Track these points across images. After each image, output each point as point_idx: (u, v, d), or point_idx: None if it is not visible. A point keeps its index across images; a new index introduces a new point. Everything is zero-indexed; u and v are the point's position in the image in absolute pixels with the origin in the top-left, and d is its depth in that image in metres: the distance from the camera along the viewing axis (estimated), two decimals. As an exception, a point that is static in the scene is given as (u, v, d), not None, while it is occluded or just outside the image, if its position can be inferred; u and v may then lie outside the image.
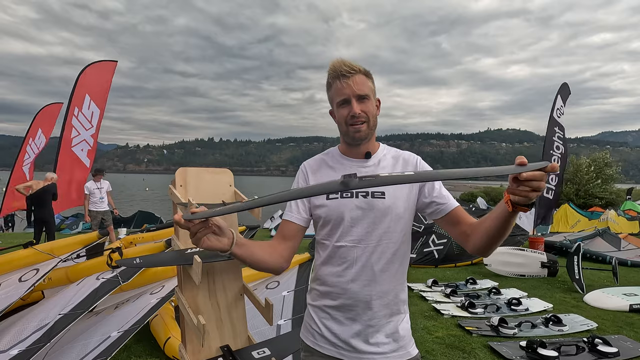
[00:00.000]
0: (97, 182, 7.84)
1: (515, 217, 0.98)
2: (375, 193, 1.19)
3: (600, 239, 7.94)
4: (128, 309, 2.86)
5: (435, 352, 3.18)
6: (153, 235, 5.33)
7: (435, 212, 1.21)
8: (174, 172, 1.84)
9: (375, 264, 1.17)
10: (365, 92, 1.18)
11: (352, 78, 1.17)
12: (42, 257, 3.29)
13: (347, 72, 1.17)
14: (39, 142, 9.40)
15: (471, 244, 1.12)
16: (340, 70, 1.18)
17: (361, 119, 1.19)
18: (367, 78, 1.21)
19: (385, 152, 1.29)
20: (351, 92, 1.17)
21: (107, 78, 7.68)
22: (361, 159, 1.25)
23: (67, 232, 11.51)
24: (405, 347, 1.21)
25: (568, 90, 8.78)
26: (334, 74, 1.20)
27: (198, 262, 1.55)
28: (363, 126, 1.20)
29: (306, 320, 1.29)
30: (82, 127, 7.33)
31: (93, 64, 7.57)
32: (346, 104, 1.19)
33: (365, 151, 1.25)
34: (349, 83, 1.17)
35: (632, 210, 14.34)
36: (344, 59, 1.20)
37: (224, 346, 1.72)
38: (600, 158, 21.11)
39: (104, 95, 7.66)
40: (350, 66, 1.17)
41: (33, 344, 2.17)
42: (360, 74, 1.19)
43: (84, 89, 7.30)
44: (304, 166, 1.34)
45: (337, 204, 1.19)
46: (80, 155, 7.40)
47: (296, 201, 1.27)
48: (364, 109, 1.18)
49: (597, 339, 3.20)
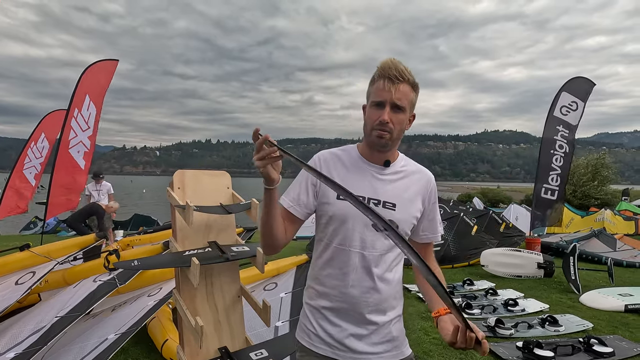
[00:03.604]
0: (97, 185, 7.88)
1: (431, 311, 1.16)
2: (386, 203, 1.19)
3: (596, 240, 7.98)
4: (125, 312, 2.85)
5: (433, 353, 3.19)
6: (150, 237, 5.32)
7: (422, 237, 1.29)
8: (171, 174, 1.84)
9: (377, 273, 1.17)
10: (403, 103, 1.14)
11: (397, 85, 1.13)
12: (38, 259, 3.28)
13: (395, 78, 1.12)
14: (40, 147, 9.32)
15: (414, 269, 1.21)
16: (389, 73, 1.13)
17: (387, 128, 1.15)
18: (412, 90, 1.16)
19: (403, 163, 1.27)
20: (389, 98, 1.13)
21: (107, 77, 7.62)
22: (380, 166, 1.23)
23: (63, 235, 11.45)
24: (399, 347, 1.23)
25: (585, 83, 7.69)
26: (382, 72, 1.14)
27: (196, 264, 1.55)
28: (386, 134, 1.16)
29: (301, 320, 1.29)
30: (79, 129, 7.28)
31: (94, 64, 7.54)
32: (380, 107, 1.15)
33: (385, 159, 1.22)
34: (391, 88, 1.12)
35: (628, 210, 14.44)
36: (397, 61, 1.14)
37: (221, 348, 1.72)
38: (598, 159, 21.24)
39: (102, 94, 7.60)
40: (401, 73, 1.13)
41: (30, 347, 2.16)
42: (407, 84, 1.14)
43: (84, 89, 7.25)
44: (318, 157, 1.26)
45: (346, 206, 1.16)
46: (76, 158, 7.34)
47: (304, 193, 1.22)
48: (395, 120, 1.15)
49: (593, 339, 3.22)
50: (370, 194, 1.19)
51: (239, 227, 7.74)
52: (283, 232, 1.18)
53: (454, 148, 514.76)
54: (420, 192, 1.25)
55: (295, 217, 1.22)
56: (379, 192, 1.20)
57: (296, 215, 1.22)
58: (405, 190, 1.22)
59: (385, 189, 1.21)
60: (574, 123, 7.70)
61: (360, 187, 1.19)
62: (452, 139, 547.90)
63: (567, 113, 7.67)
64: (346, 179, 1.21)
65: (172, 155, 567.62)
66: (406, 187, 1.23)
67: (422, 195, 1.25)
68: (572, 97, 7.68)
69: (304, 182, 1.23)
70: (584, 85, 7.75)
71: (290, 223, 1.22)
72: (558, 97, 7.68)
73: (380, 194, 1.20)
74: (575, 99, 7.67)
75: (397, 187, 1.22)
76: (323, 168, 1.23)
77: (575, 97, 7.68)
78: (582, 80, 7.79)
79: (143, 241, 5.23)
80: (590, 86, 7.74)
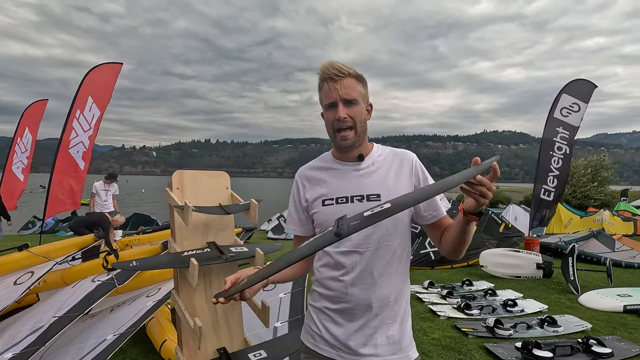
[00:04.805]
0: (106, 185, 7.99)
1: (471, 226, 1.05)
2: (370, 196, 1.18)
3: (594, 240, 7.99)
4: (124, 312, 2.84)
5: (432, 354, 3.19)
6: (149, 237, 5.31)
7: (427, 217, 1.24)
8: (170, 174, 1.84)
9: (375, 268, 1.16)
10: (352, 96, 1.15)
11: (340, 82, 1.15)
12: (37, 259, 3.27)
13: (335, 76, 1.15)
14: (25, 141, 9.35)
15: (442, 248, 1.21)
16: (328, 73, 1.16)
17: (347, 124, 1.16)
18: (357, 82, 1.18)
19: (379, 153, 1.27)
20: (338, 96, 1.15)
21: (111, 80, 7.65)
22: (354, 162, 1.24)
23: (62, 235, 11.43)
24: (404, 350, 1.20)
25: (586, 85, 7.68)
26: (323, 76, 1.18)
27: (194, 265, 1.55)
28: (349, 133, 1.17)
29: (306, 321, 1.29)
30: (80, 129, 7.30)
31: (99, 67, 7.57)
32: (333, 107, 1.17)
33: (357, 154, 1.23)
34: (336, 87, 1.15)
35: (627, 211, 14.47)
36: (334, 61, 1.17)
37: (220, 348, 1.72)
38: (598, 160, 21.28)
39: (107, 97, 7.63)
40: (339, 69, 1.15)
41: (27, 347, 2.16)
42: (350, 77, 1.16)
43: (87, 91, 7.28)
44: (298, 176, 1.31)
45: (333, 210, 1.18)
46: (75, 157, 7.35)
47: (297, 216, 1.29)
48: (351, 114, 1.16)
49: (592, 339, 3.22)
50: (353, 192, 1.19)
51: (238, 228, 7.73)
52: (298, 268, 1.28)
53: (453, 148, 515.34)
54: (404, 176, 1.22)
55: (306, 238, 1.26)
56: (360, 187, 1.20)
57: (306, 236, 1.28)
58: (387, 179, 1.21)
59: (366, 182, 1.20)
60: (575, 124, 7.68)
61: (342, 187, 1.21)
62: (451, 140, 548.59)
63: (567, 114, 7.67)
64: (328, 184, 1.23)
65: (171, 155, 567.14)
66: (387, 175, 1.22)
67: (408, 178, 1.22)
68: (573, 99, 7.69)
69: (293, 205, 1.31)
70: (585, 87, 7.76)
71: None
72: (558, 98, 7.69)
73: (362, 188, 1.20)
74: (576, 100, 7.68)
75: (377, 178, 1.21)
76: (306, 184, 1.28)
77: (576, 98, 7.68)
78: (583, 83, 7.81)
79: (142, 241, 5.22)
80: (592, 88, 7.76)
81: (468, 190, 0.95)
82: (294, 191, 1.31)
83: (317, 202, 1.22)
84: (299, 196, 1.28)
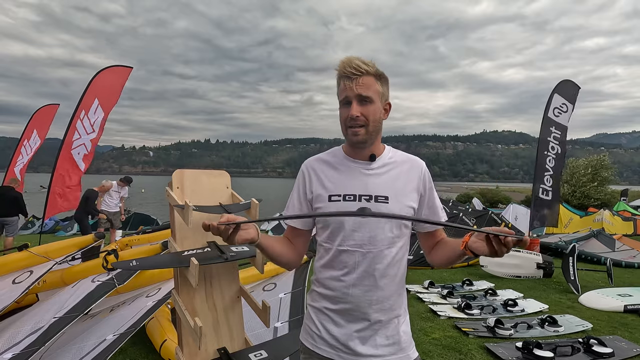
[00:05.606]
0: (119, 187, 8.34)
1: (466, 254, 1.10)
2: (379, 197, 1.18)
3: (595, 240, 8.00)
4: (124, 312, 2.84)
5: (432, 354, 3.18)
6: (149, 237, 5.29)
7: (426, 226, 1.27)
8: (170, 173, 1.83)
9: (377, 269, 1.16)
10: (368, 94, 1.14)
11: (357, 80, 1.14)
12: (37, 259, 3.26)
13: (352, 74, 1.14)
14: (33, 143, 9.36)
15: (431, 257, 1.29)
16: (345, 71, 1.15)
17: (359, 122, 1.15)
18: (375, 80, 1.16)
19: (391, 155, 1.26)
20: (352, 94, 1.14)
21: (119, 83, 7.62)
22: (366, 161, 1.23)
23: (61, 235, 11.42)
24: (405, 350, 1.20)
25: (573, 87, 7.93)
26: (340, 73, 1.17)
27: (195, 265, 1.54)
28: (360, 130, 1.16)
29: (306, 322, 1.28)
30: (84, 131, 7.31)
31: (107, 68, 7.56)
32: (347, 104, 1.17)
33: (369, 154, 1.22)
34: (351, 85, 1.14)
35: (627, 211, 14.47)
36: (352, 57, 1.15)
37: (220, 348, 1.71)
38: (598, 160, 21.31)
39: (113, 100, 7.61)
40: (357, 67, 1.13)
41: (27, 347, 2.15)
42: (368, 75, 1.14)
43: (94, 92, 7.27)
44: (305, 167, 1.29)
45: (339, 207, 1.17)
46: (76, 159, 7.36)
47: (299, 207, 1.27)
48: (364, 112, 1.15)
49: (592, 339, 3.22)
50: (361, 191, 1.19)
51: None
52: (289, 254, 1.27)
53: (453, 148, 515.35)
54: (412, 181, 1.23)
55: (301, 230, 1.27)
56: (369, 188, 1.19)
57: (301, 228, 1.27)
58: (396, 181, 1.21)
59: (375, 183, 1.20)
60: (564, 124, 7.85)
61: (350, 185, 1.20)
62: (451, 140, 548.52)
63: (559, 114, 7.82)
64: (336, 180, 1.22)
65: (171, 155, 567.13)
66: (396, 178, 1.22)
67: (416, 184, 1.23)
68: (562, 99, 7.87)
69: (297, 195, 1.28)
70: (571, 89, 7.98)
71: (297, 237, 1.29)
72: (551, 99, 7.84)
73: (370, 189, 1.19)
74: (565, 101, 7.87)
75: (387, 180, 1.21)
76: (312, 176, 1.26)
77: (565, 99, 7.87)
78: (570, 84, 8.01)
79: (142, 241, 5.21)
80: (576, 89, 7.98)
81: (491, 243, 0.97)
82: (299, 181, 1.29)
83: (323, 196, 1.21)
84: (305, 187, 1.26)
